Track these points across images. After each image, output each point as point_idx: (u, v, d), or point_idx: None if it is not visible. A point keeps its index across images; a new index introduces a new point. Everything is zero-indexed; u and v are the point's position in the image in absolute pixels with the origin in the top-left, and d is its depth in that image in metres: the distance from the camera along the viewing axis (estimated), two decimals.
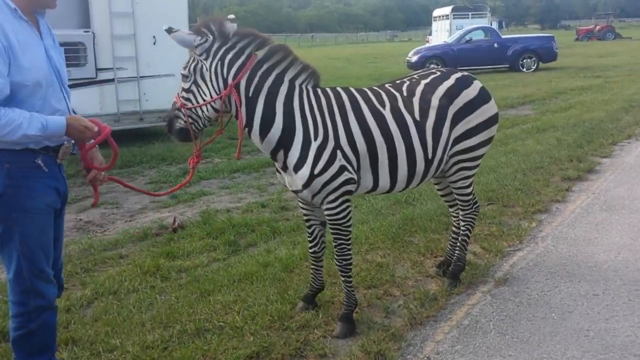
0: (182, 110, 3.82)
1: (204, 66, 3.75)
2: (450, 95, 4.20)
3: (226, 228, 6.13)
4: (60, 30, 9.99)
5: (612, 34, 51.90)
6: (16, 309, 3.11)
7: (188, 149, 10.35)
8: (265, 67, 3.79)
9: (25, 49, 2.92)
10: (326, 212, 3.92)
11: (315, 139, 3.74)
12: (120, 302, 4.55)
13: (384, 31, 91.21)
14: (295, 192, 3.96)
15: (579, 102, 14.78)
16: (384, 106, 4.00)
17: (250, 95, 3.74)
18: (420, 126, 4.05)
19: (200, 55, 3.75)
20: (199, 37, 3.71)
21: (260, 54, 3.82)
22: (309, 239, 4.33)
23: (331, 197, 3.84)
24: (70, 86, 10.42)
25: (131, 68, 10.85)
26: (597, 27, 53.91)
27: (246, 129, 3.81)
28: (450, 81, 4.26)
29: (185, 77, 3.82)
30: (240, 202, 7.38)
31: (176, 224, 6.35)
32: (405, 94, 4.13)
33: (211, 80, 3.75)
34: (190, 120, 3.83)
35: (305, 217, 4.30)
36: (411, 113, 4.05)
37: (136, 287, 4.83)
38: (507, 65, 24.30)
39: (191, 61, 3.80)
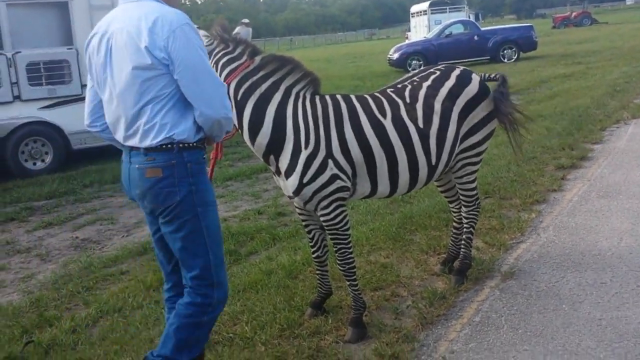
0: None
1: None
2: (453, 95, 4.18)
3: (225, 237, 6.07)
4: (43, 49, 10.04)
5: (589, 19, 52.23)
6: (199, 299, 3.07)
7: None
8: (260, 74, 3.79)
9: None
10: (321, 218, 3.90)
11: (306, 147, 3.71)
12: (126, 320, 4.50)
13: (361, 30, 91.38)
14: (290, 197, 3.95)
15: (563, 89, 14.85)
16: (384, 115, 3.96)
17: (239, 98, 3.75)
18: (424, 133, 4.02)
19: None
20: (207, 40, 3.80)
21: (257, 60, 3.82)
22: (310, 244, 4.30)
23: (324, 203, 3.82)
24: (56, 104, 10.46)
25: None
26: (574, 14, 54.25)
27: (239, 131, 3.85)
28: (451, 80, 4.24)
29: None
30: (236, 210, 7.33)
31: None
32: (408, 100, 4.09)
33: None
34: None
35: (303, 223, 4.27)
36: (414, 121, 4.03)
37: (141, 303, 4.77)
38: (488, 57, 24.38)
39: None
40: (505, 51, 24.36)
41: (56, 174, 9.87)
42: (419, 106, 4.08)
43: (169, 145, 2.90)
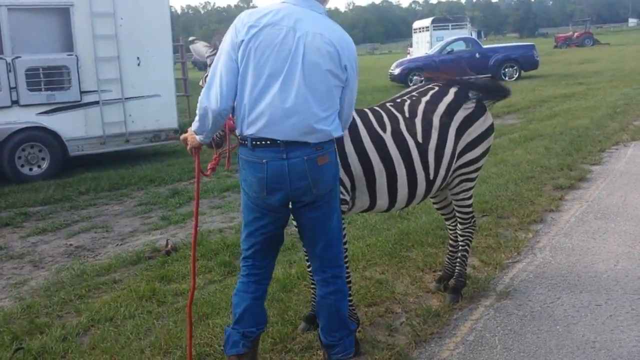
0: None
1: None
2: (451, 111, 4.18)
3: (220, 249, 6.05)
4: (43, 55, 10.05)
5: (591, 40, 52.46)
6: (344, 273, 3.44)
7: (175, 170, 10.36)
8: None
9: None
10: None
11: None
12: (117, 329, 4.45)
13: (363, 44, 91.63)
14: None
15: (563, 109, 14.88)
16: (384, 129, 3.96)
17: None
18: (423, 148, 4.02)
19: (209, 66, 3.79)
20: (211, 49, 3.75)
21: None
22: (306, 257, 4.27)
23: None
24: (55, 110, 10.42)
25: (116, 90, 10.81)
26: (576, 34, 54.50)
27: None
28: (450, 96, 4.25)
29: (201, 88, 3.89)
30: (232, 221, 7.30)
31: (169, 246, 6.26)
32: (407, 115, 4.10)
33: None
34: None
35: (299, 235, 4.23)
36: (414, 136, 4.02)
37: (132, 312, 4.73)
38: (490, 75, 24.40)
39: (206, 72, 3.85)
40: (506, 69, 24.45)
41: (52, 180, 9.84)
42: (418, 121, 4.08)
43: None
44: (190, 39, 3.98)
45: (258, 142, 3.09)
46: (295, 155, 3.06)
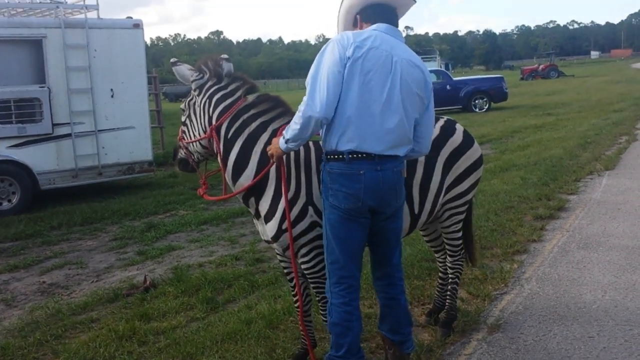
0: (181, 142, 4.01)
1: (196, 102, 3.86)
2: (437, 146, 4.09)
3: (201, 284, 5.88)
4: (14, 87, 9.85)
5: (556, 72, 53.67)
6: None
7: (150, 202, 10.18)
8: (252, 112, 3.75)
9: None
10: (302, 265, 3.77)
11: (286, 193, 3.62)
12: None
13: None
14: (268, 242, 3.82)
15: (535, 140, 15.06)
16: None
17: (228, 137, 3.71)
18: (407, 182, 3.93)
19: (195, 90, 3.87)
20: (197, 73, 3.82)
21: (250, 98, 3.76)
22: (292, 292, 4.16)
23: (303, 250, 3.71)
24: (25, 143, 10.21)
25: (89, 122, 10.64)
26: (541, 66, 55.72)
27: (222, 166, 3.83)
28: (435, 131, 4.18)
29: (182, 111, 4.00)
30: (212, 255, 7.14)
31: (147, 282, 6.08)
32: None
33: (200, 117, 3.83)
34: (188, 152, 3.97)
35: (285, 270, 4.12)
36: None
37: (112, 353, 4.54)
38: (460, 107, 24.75)
39: (189, 96, 3.93)
40: (476, 101, 24.75)
41: (23, 215, 9.58)
42: None
43: None
44: (172, 60, 3.98)
45: (355, 155, 3.27)
46: (387, 167, 3.33)
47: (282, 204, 3.61)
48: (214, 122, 3.75)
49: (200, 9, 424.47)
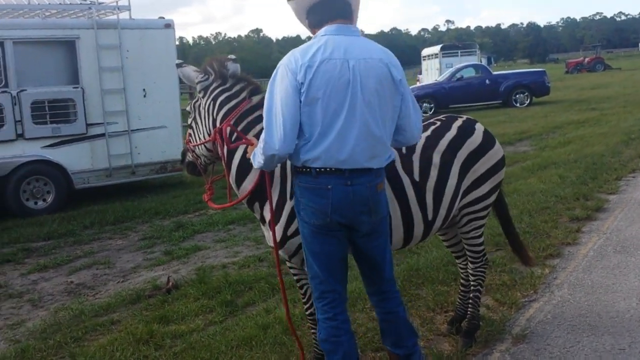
0: (188, 146, 3.96)
1: (201, 104, 3.77)
2: (453, 147, 3.93)
3: (222, 286, 5.82)
4: (48, 88, 9.96)
5: (602, 65, 52.29)
6: (399, 295, 3.49)
7: (181, 201, 10.19)
8: (256, 114, 3.61)
9: None
10: (309, 274, 3.63)
11: (291, 197, 3.46)
12: None
13: None
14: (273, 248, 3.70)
15: (577, 136, 14.62)
16: None
17: (233, 139, 3.60)
18: (419, 187, 3.77)
19: (200, 92, 3.77)
20: (202, 75, 3.73)
21: (255, 99, 3.66)
22: (302, 300, 4.04)
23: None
24: (60, 143, 10.33)
25: (122, 122, 10.72)
26: (587, 59, 54.36)
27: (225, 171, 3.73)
28: (452, 132, 4.00)
29: (188, 114, 3.93)
30: (237, 256, 7.08)
31: (170, 283, 6.05)
32: (404, 150, 3.81)
33: (204, 119, 3.75)
34: (195, 155, 3.90)
35: (295, 277, 4.01)
36: (409, 173, 3.77)
37: (128, 358, 4.50)
38: (500, 101, 24.27)
39: (195, 98, 3.85)
40: (517, 95, 24.20)
41: (57, 214, 9.69)
42: (416, 158, 3.83)
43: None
44: (178, 62, 3.91)
45: (322, 169, 3.09)
46: (359, 182, 3.10)
47: (286, 209, 3.50)
48: (217, 124, 3.66)
49: (241, 8, 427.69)
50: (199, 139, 3.83)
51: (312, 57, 3.03)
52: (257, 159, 3.17)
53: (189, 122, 3.93)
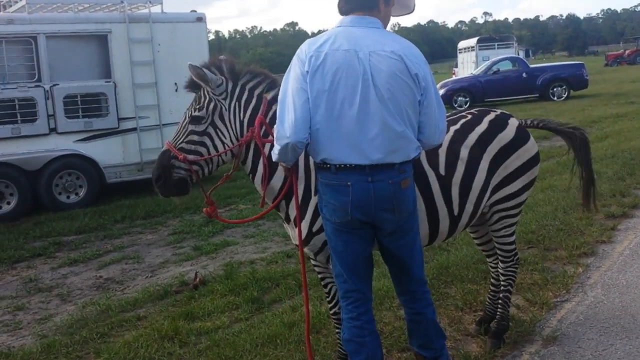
0: (191, 159, 3.57)
1: (222, 107, 3.53)
2: (483, 142, 3.82)
3: (249, 283, 5.79)
4: (81, 82, 10.05)
5: None
6: (429, 296, 3.40)
7: (212, 196, 10.15)
8: (274, 109, 3.49)
9: None
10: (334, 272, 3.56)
11: (316, 193, 3.38)
12: None
13: None
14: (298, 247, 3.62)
15: (615, 130, 14.24)
16: None
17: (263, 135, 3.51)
18: (445, 181, 3.67)
19: (220, 95, 3.53)
20: (218, 77, 3.52)
21: (269, 95, 3.58)
22: (327, 299, 3.96)
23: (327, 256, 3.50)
24: (92, 137, 10.42)
25: (153, 116, 10.78)
26: (627, 52, 53.25)
27: (250, 175, 3.63)
28: (483, 126, 3.89)
29: (199, 119, 3.53)
30: (265, 252, 7.04)
31: (197, 279, 6.04)
32: None
33: (230, 121, 3.54)
34: (196, 168, 3.60)
35: (319, 275, 3.92)
36: (435, 167, 3.67)
37: (152, 355, 4.49)
38: (537, 95, 23.84)
39: (206, 101, 3.54)
40: (555, 89, 23.73)
41: (89, 208, 9.79)
42: (442, 151, 3.72)
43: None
44: (189, 63, 3.61)
45: (342, 165, 3.01)
46: (381, 178, 3.01)
47: (311, 205, 3.43)
48: (245, 124, 3.53)
49: (276, 2, 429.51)
50: (223, 146, 3.55)
51: (319, 47, 3.00)
52: (274, 150, 3.11)
53: (201, 129, 3.53)
